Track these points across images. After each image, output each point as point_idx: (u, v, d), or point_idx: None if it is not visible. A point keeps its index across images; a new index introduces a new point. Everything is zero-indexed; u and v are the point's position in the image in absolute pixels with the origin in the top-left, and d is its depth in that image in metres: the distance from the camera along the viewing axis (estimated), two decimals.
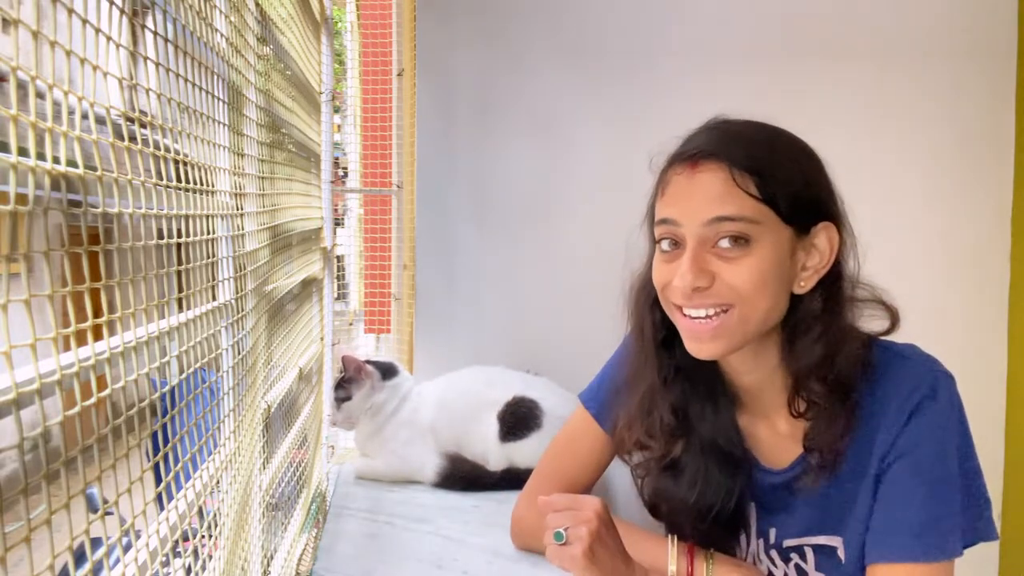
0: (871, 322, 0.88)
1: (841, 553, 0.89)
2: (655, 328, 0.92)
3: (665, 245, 0.85)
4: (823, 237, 0.84)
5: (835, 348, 0.84)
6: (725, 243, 0.81)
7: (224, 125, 0.76)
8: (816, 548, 0.91)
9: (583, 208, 1.82)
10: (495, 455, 1.50)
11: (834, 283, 0.85)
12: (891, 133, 1.77)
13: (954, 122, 1.76)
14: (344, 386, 1.55)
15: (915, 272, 1.74)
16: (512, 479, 1.43)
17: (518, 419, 1.50)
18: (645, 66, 1.82)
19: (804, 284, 0.84)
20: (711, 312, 0.82)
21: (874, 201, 1.80)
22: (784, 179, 0.81)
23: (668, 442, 0.92)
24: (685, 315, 0.84)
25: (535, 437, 1.48)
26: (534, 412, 1.50)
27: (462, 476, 1.49)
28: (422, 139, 1.92)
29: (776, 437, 0.92)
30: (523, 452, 1.48)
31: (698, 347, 0.85)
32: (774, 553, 0.95)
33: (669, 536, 0.97)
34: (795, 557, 0.93)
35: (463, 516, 1.34)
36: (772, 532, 0.95)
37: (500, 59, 1.86)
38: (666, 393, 0.92)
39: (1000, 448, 1.72)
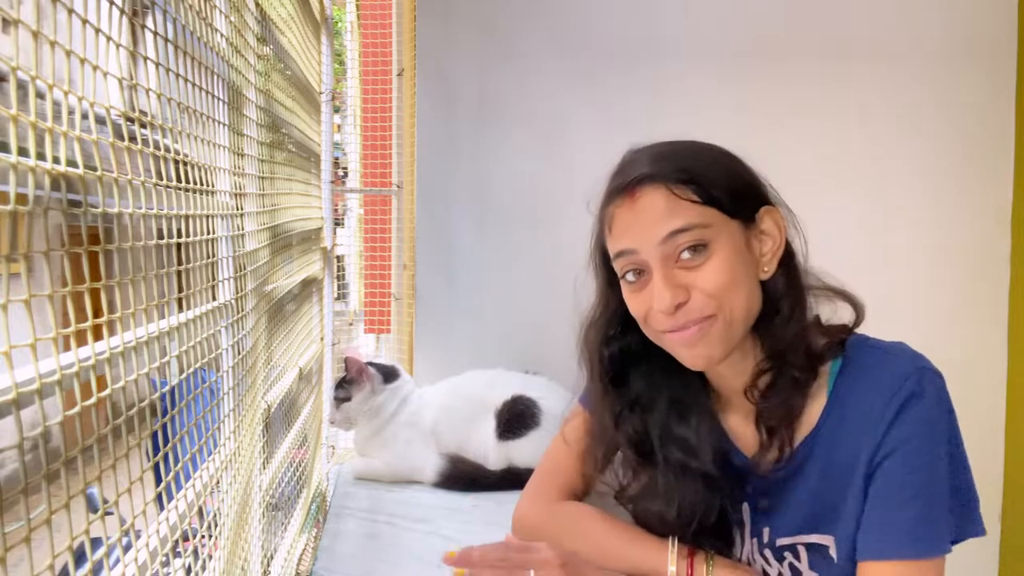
0: (841, 314, 0.90)
1: (833, 552, 0.89)
2: (604, 366, 0.94)
3: (630, 276, 0.87)
4: (768, 221, 0.87)
5: (805, 322, 0.87)
6: (686, 254, 0.83)
7: (224, 125, 0.76)
8: (809, 547, 0.92)
9: (583, 208, 1.82)
10: (493, 454, 1.50)
11: (790, 262, 0.89)
12: (891, 133, 1.77)
13: (954, 122, 1.76)
14: (344, 386, 1.55)
15: (915, 272, 1.74)
16: (512, 479, 1.43)
17: (515, 416, 1.50)
18: (645, 66, 1.82)
19: (767, 269, 0.87)
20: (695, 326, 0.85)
21: (874, 201, 1.81)
22: (716, 178, 0.85)
23: (634, 473, 0.95)
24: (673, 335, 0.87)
25: (533, 435, 1.47)
26: (532, 410, 1.50)
27: (462, 476, 1.49)
28: (422, 139, 1.92)
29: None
30: (521, 451, 1.47)
31: (692, 356, 0.86)
32: (768, 552, 0.95)
33: (670, 537, 0.97)
34: (789, 556, 0.93)
35: (463, 516, 1.34)
36: (766, 531, 0.95)
37: (500, 59, 1.86)
38: (622, 429, 0.94)
39: (1000, 448, 1.72)
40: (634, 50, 1.82)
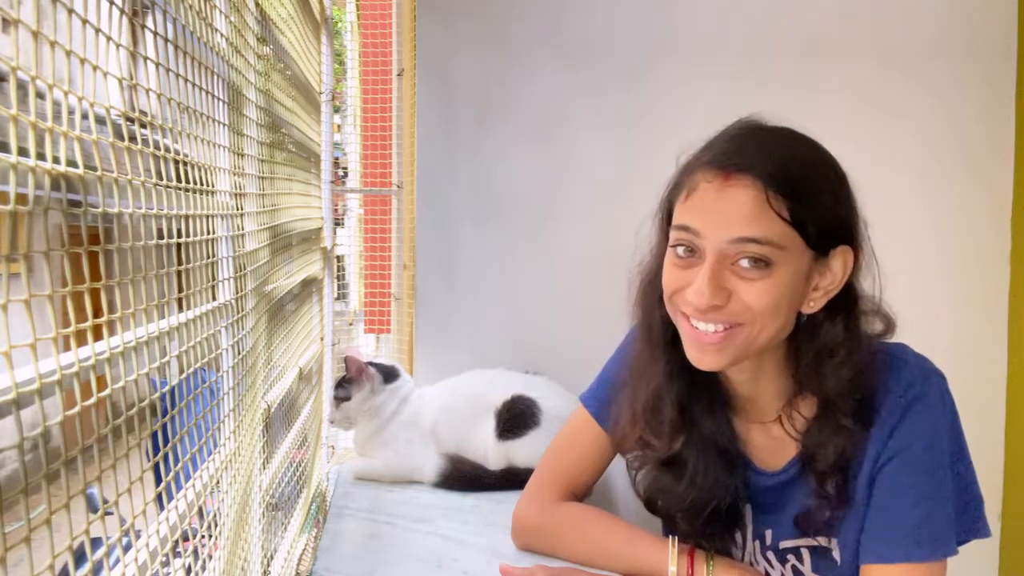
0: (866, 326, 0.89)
1: (836, 554, 0.89)
2: (664, 324, 0.90)
3: (680, 251, 0.83)
4: (838, 260, 0.83)
5: (860, 369, 0.83)
6: (745, 263, 0.79)
7: (224, 125, 0.76)
8: (812, 549, 0.92)
9: (583, 208, 1.82)
10: (493, 454, 1.50)
11: (851, 305, 0.85)
12: (891, 133, 1.77)
13: (954, 122, 1.76)
14: (344, 386, 1.55)
15: (915, 272, 1.74)
16: (512, 479, 1.43)
17: (514, 416, 1.50)
18: (645, 66, 1.82)
19: (812, 304, 0.83)
20: (720, 327, 0.81)
21: (873, 201, 1.80)
22: (816, 203, 0.79)
23: (671, 438, 0.92)
24: (692, 325, 0.83)
25: (533, 435, 1.47)
26: (532, 410, 1.50)
27: (462, 476, 1.49)
28: (422, 139, 1.92)
29: (770, 440, 0.92)
30: (521, 451, 1.47)
31: (700, 357, 0.84)
32: (771, 555, 0.95)
33: (670, 537, 0.97)
34: (792, 559, 0.93)
35: (463, 516, 1.34)
36: (768, 534, 0.95)
37: (500, 59, 1.86)
38: (671, 389, 0.91)
39: (1000, 448, 1.72)
40: (635, 50, 1.82)
